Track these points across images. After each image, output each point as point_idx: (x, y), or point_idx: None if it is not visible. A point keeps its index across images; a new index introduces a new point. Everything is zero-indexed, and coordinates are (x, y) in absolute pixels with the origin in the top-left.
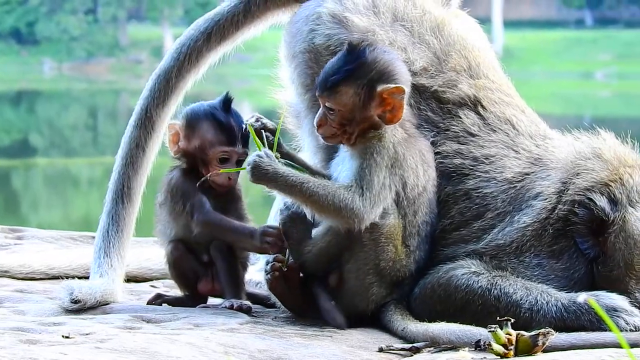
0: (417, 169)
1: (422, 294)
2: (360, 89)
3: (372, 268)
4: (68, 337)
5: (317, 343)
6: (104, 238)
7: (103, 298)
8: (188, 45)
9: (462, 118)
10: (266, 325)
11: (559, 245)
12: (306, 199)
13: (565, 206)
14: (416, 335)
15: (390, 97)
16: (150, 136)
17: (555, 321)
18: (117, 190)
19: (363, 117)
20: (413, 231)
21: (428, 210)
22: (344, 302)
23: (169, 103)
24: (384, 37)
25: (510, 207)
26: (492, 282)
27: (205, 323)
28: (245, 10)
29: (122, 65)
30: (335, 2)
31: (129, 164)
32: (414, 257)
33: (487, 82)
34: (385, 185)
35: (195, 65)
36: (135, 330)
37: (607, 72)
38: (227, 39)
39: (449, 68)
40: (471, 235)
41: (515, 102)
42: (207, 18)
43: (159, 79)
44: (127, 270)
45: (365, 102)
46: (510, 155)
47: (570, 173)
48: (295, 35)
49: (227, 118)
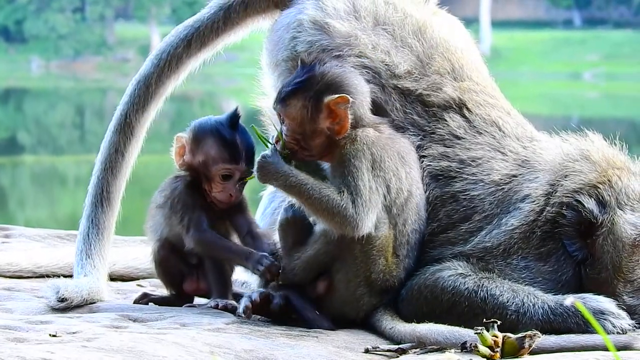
0: (397, 171)
1: (409, 296)
2: (308, 102)
3: (363, 280)
4: (55, 335)
5: (303, 343)
6: (84, 241)
7: (90, 296)
8: (168, 52)
9: (448, 121)
10: (252, 325)
11: (546, 248)
12: (303, 200)
13: (554, 208)
14: (403, 335)
15: (336, 107)
16: (130, 141)
17: (542, 324)
18: (97, 194)
19: (313, 130)
20: (403, 240)
21: (417, 218)
22: (333, 310)
23: (148, 109)
24: (366, 41)
25: (498, 210)
26: (479, 284)
27: (192, 323)
28: (225, 17)
29: (109, 63)
30: (316, 8)
31: (108, 168)
32: (404, 265)
33: (471, 84)
34: (372, 188)
35: (175, 72)
36: (121, 330)
37: (595, 73)
38: (207, 46)
39: (432, 71)
40: (458, 238)
41: (501, 104)
42: (187, 25)
43: (139, 85)
44: (114, 269)
45: (313, 115)
46: (497, 158)
47: (558, 175)
48: (277, 43)
49: (232, 135)
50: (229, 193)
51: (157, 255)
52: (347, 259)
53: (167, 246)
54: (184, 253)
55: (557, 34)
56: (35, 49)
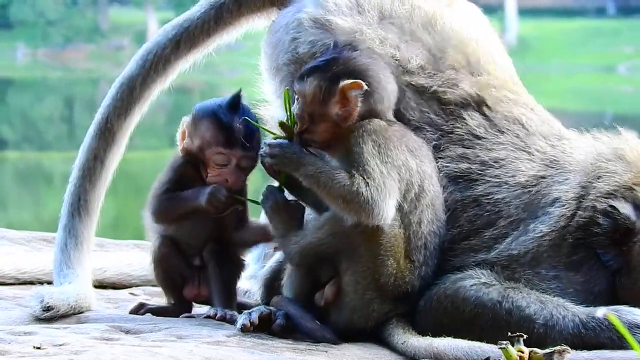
0: (407, 162)
1: (428, 306)
2: (323, 82)
3: (372, 283)
4: (40, 347)
5: (311, 358)
6: (62, 252)
7: (77, 304)
8: (155, 53)
9: (467, 119)
10: (255, 338)
11: (578, 256)
12: (320, 189)
13: (586, 212)
14: (418, 350)
15: (349, 94)
16: (110, 148)
17: (572, 338)
18: (73, 202)
19: (321, 114)
20: (419, 244)
21: (433, 218)
22: (342, 318)
23: (131, 114)
24: (372, 35)
25: (525, 214)
26: (504, 294)
27: (189, 335)
28: (217, 17)
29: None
30: (316, 5)
31: (86, 176)
32: (419, 272)
33: (490, 79)
34: (383, 172)
35: (162, 74)
36: (113, 342)
37: (630, 66)
38: (197, 47)
39: (446, 66)
40: (482, 245)
41: (523, 100)
42: (175, 24)
43: (122, 88)
44: (105, 276)
45: (325, 97)
46: (523, 158)
47: (591, 176)
48: (277, 46)
49: (229, 118)
50: (224, 178)
51: (158, 252)
52: (352, 256)
53: (169, 243)
54: (186, 253)
55: (589, 23)
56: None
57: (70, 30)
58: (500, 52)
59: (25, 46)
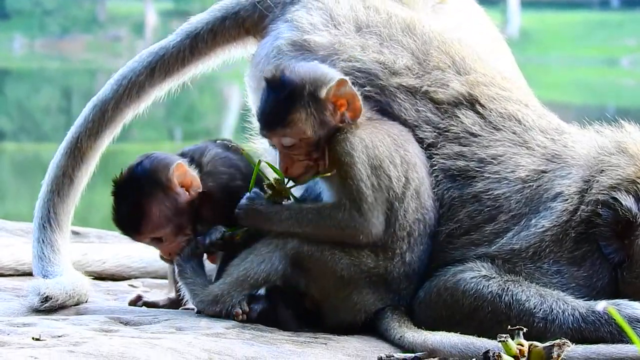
0: (392, 158)
1: (427, 298)
2: (309, 107)
3: (337, 280)
4: (39, 339)
5: (310, 351)
6: (41, 259)
7: (75, 292)
8: (129, 79)
9: (461, 118)
10: (255, 330)
11: (580, 251)
12: (305, 229)
13: (588, 207)
14: (414, 345)
15: (338, 96)
16: (79, 167)
17: (571, 332)
18: (43, 216)
19: (327, 132)
20: (403, 234)
21: (418, 206)
22: (331, 318)
23: (102, 135)
24: (352, 44)
25: (526, 209)
26: (504, 287)
27: (188, 327)
28: (192, 46)
29: (99, 42)
30: (292, 29)
31: (54, 191)
32: (403, 259)
33: (478, 77)
34: (375, 186)
35: (136, 100)
36: (112, 333)
37: (633, 59)
38: (172, 75)
39: (432, 67)
40: (482, 240)
41: (515, 96)
42: (151, 51)
43: (95, 109)
44: (104, 267)
45: (321, 117)
46: (522, 153)
47: (593, 170)
48: (261, 78)
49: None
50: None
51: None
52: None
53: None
54: None
55: (592, 15)
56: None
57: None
58: (489, 47)
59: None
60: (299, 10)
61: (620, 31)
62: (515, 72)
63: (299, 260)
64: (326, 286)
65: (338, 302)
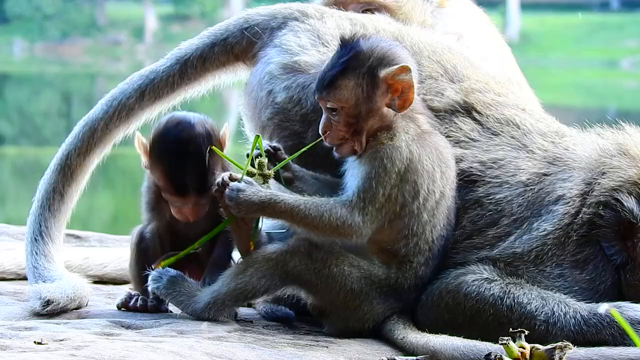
0: (433, 173)
1: (429, 302)
2: (362, 79)
3: (347, 294)
4: (41, 343)
5: (312, 354)
6: (35, 269)
7: (75, 295)
8: (119, 100)
9: (459, 125)
10: (256, 333)
11: (583, 254)
12: (299, 222)
13: (590, 209)
14: (415, 347)
15: (395, 80)
16: (69, 183)
17: (573, 335)
18: (35, 230)
19: (370, 110)
20: (425, 248)
21: (446, 222)
22: (338, 324)
23: (91, 154)
24: None
25: (528, 212)
26: (505, 290)
27: (190, 330)
28: (182, 72)
29: (99, 46)
30: (281, 53)
31: (45, 206)
32: (416, 272)
33: (472, 84)
34: (391, 197)
35: (125, 122)
36: (113, 337)
37: (634, 61)
38: (162, 99)
39: (424, 76)
40: (485, 243)
41: (512, 101)
42: (142, 74)
43: (85, 128)
44: (106, 271)
45: (370, 93)
46: (522, 157)
47: (595, 172)
48: (256, 105)
49: (180, 166)
50: (185, 215)
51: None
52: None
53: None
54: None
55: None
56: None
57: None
58: (489, 49)
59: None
60: (287, 34)
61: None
62: (516, 74)
63: (303, 277)
64: (335, 299)
65: (347, 312)
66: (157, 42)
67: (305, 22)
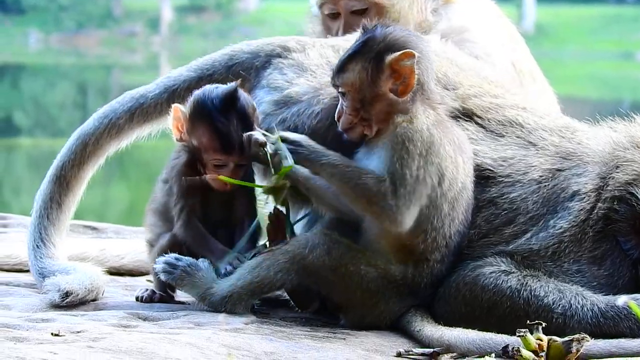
0: (456, 159)
1: (446, 294)
2: (368, 63)
3: (363, 292)
4: (58, 335)
5: (329, 346)
6: (42, 271)
7: (93, 286)
8: (110, 118)
9: (463, 128)
10: (273, 325)
11: (600, 250)
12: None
13: (605, 204)
14: (431, 340)
15: (400, 66)
16: (65, 194)
17: (591, 327)
18: (35, 239)
19: (375, 95)
20: (442, 243)
21: (463, 218)
22: (355, 320)
23: (85, 167)
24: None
25: (544, 209)
26: (523, 282)
27: (207, 322)
28: (169, 100)
29: (114, 37)
30: (270, 91)
31: (43, 216)
32: (433, 270)
33: (466, 90)
34: (419, 178)
35: (116, 139)
36: (130, 329)
37: None
38: (151, 122)
39: None
40: (501, 240)
41: (510, 101)
42: (133, 95)
43: (78, 141)
44: (123, 263)
45: (374, 77)
46: (531, 154)
47: (609, 166)
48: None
49: (225, 122)
50: (221, 183)
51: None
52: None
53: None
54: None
55: (607, 9)
56: (34, 21)
57: (82, 16)
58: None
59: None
60: (272, 73)
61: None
62: (529, 65)
63: (320, 273)
64: (352, 297)
65: (363, 310)
66: (173, 33)
67: (288, 58)
